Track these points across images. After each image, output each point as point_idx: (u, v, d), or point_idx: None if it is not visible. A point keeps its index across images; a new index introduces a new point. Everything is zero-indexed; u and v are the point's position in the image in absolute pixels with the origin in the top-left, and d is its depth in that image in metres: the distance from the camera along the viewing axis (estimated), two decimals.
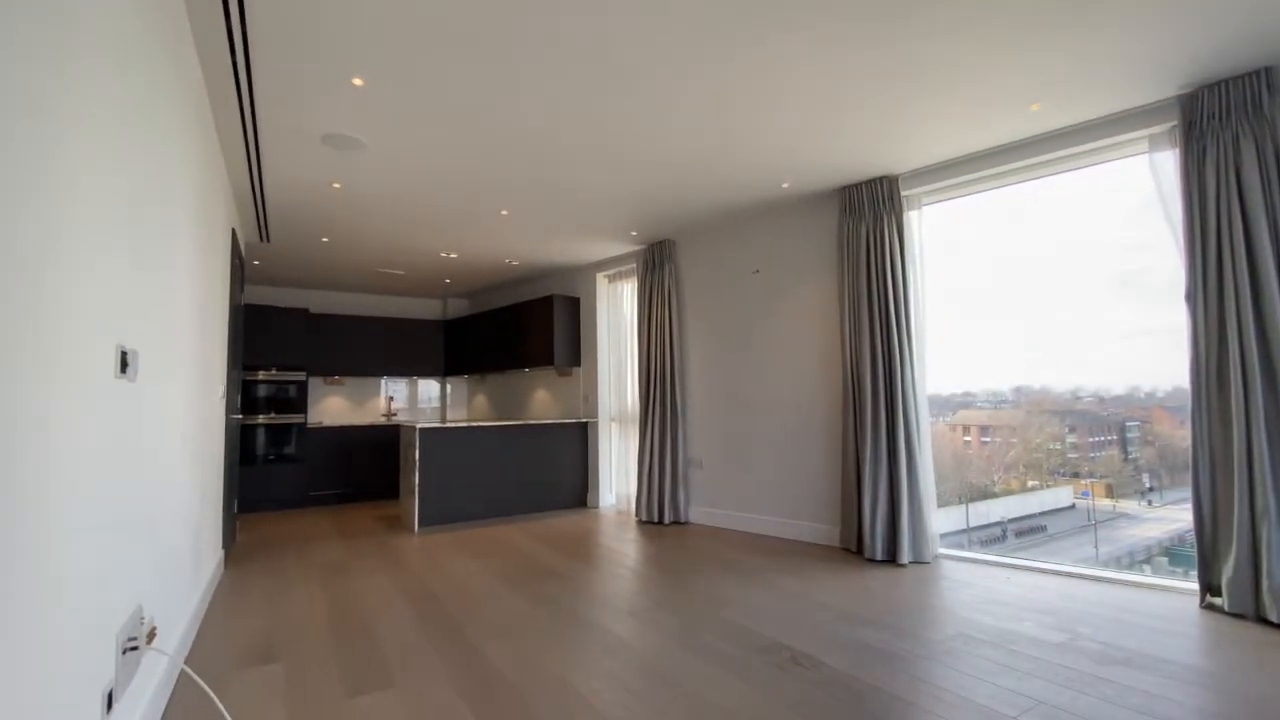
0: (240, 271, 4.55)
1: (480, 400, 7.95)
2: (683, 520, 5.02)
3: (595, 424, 5.96)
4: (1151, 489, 4.92)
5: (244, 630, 2.75)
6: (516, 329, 6.54)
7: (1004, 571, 3.44)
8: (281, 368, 6.23)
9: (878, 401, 3.81)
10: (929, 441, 3.79)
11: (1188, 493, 2.85)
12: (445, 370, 7.69)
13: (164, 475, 2.07)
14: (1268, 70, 2.66)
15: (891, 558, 3.68)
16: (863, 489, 3.80)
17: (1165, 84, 2.84)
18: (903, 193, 3.85)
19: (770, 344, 4.62)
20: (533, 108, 2.95)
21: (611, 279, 6.11)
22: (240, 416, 5.07)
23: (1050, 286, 4.49)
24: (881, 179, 3.89)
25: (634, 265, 5.62)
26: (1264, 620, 2.55)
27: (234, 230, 4.04)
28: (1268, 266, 2.59)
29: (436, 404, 8.00)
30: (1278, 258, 2.59)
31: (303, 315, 6.39)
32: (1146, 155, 3.06)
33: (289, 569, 3.80)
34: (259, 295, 6.88)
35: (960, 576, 3.37)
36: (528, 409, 7.00)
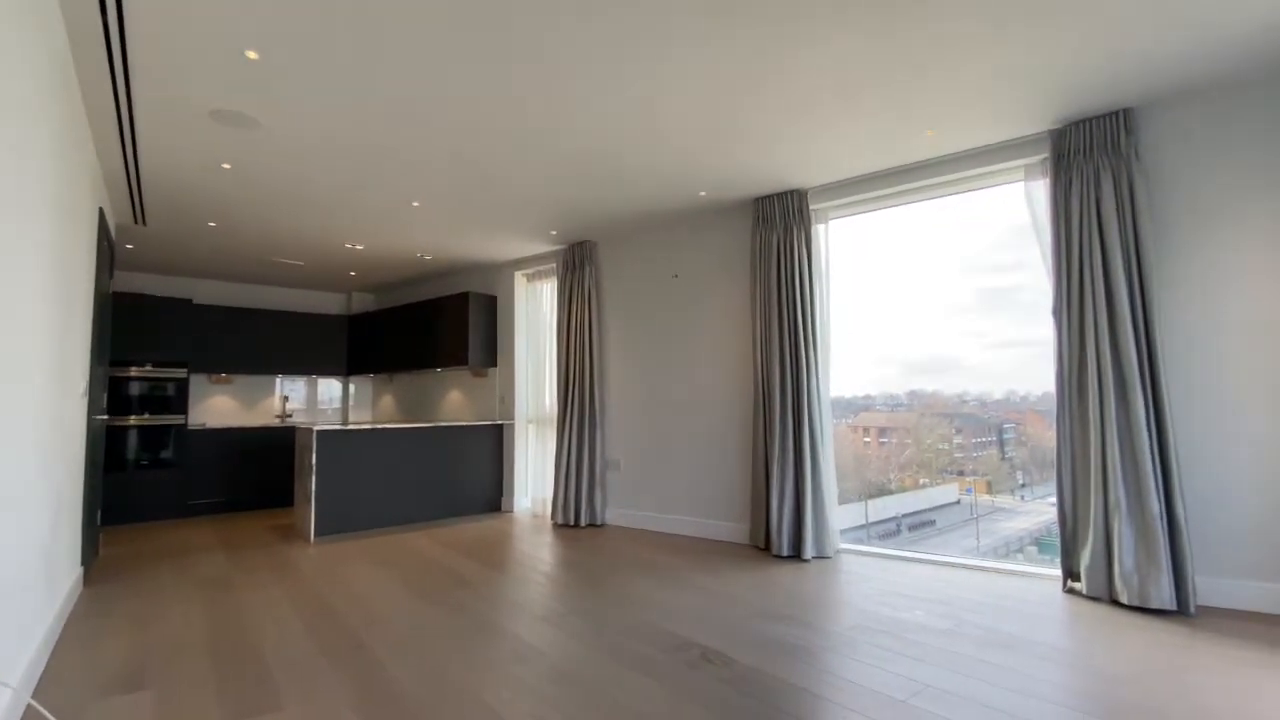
0: (109, 256, 4.08)
1: (387, 401, 7.56)
2: (599, 522, 5.01)
3: (511, 426, 5.83)
4: (1024, 485, 5.43)
5: (106, 655, 2.45)
6: (428, 327, 6.28)
7: (898, 564, 3.68)
8: (159, 363, 5.64)
9: (785, 405, 3.97)
10: (831, 443, 3.99)
11: (1054, 489, 3.16)
12: (348, 369, 7.26)
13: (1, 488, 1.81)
14: (1126, 112, 3.01)
15: (796, 553, 3.84)
16: (771, 488, 3.94)
17: (1039, 120, 3.15)
18: (811, 207, 4.04)
19: (688, 347, 4.71)
20: (448, 97, 2.84)
21: (531, 278, 6.00)
22: (106, 417, 4.54)
23: (941, 298, 4.87)
24: (792, 193, 4.06)
25: (554, 265, 5.55)
26: (1116, 602, 2.87)
27: (101, 210, 3.62)
28: (1121, 289, 2.93)
29: (338, 405, 7.53)
30: (1129, 282, 2.93)
31: (185, 306, 5.81)
32: (1023, 183, 3.39)
33: (162, 586, 3.44)
34: (134, 283, 6.21)
35: (859, 570, 3.57)
36: (439, 410, 6.74)
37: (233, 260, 5.85)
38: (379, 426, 5.06)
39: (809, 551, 3.79)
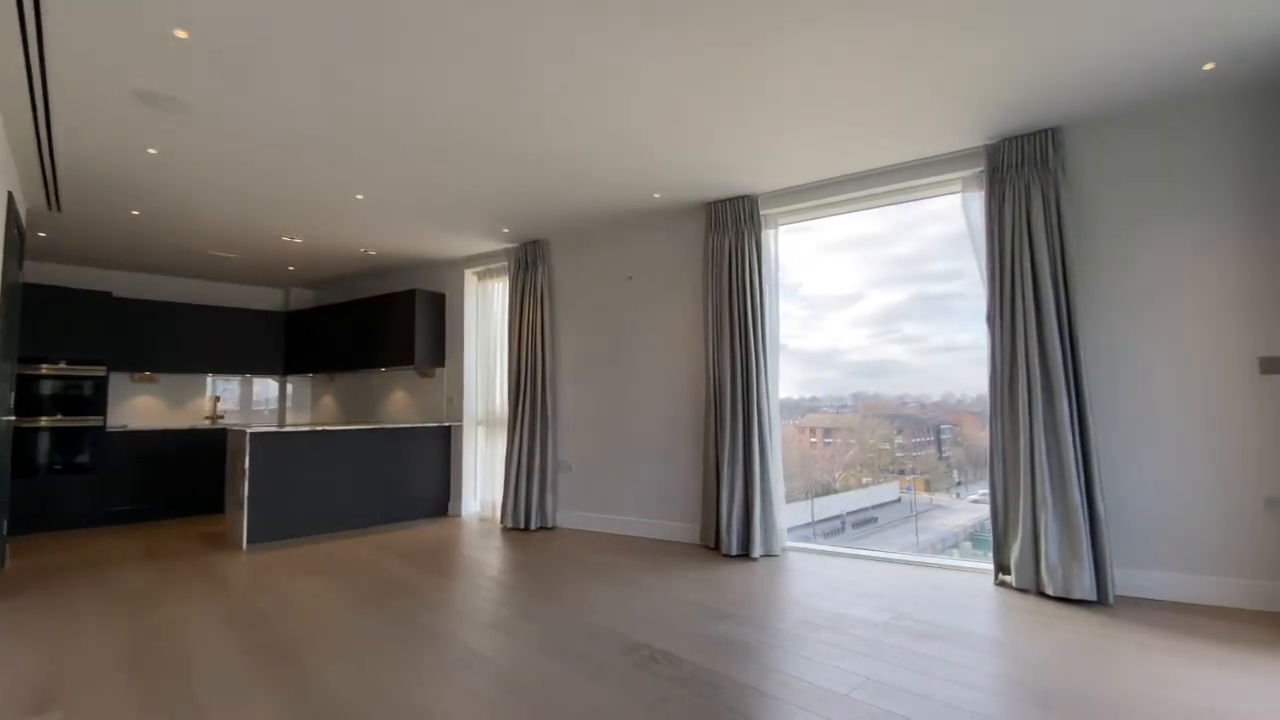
0: (19, 244, 3.78)
1: (328, 402, 7.28)
2: (551, 525, 4.95)
3: (459, 428, 5.70)
4: (960, 484, 5.68)
5: (14, 676, 2.26)
6: (373, 325, 6.07)
7: (841, 561, 3.78)
8: (74, 360, 5.25)
9: (735, 406, 4.02)
10: (779, 443, 4.07)
11: (987, 486, 3.32)
12: (286, 368, 6.94)
13: None
14: (1053, 130, 3.19)
15: (745, 552, 3.90)
16: (721, 488, 3.99)
17: (975, 135, 3.30)
18: (762, 212, 4.12)
19: (641, 349, 4.71)
20: (393, 86, 2.75)
21: (481, 276, 5.89)
22: (13, 418, 4.19)
23: (884, 303, 5.05)
24: (743, 198, 4.13)
25: (505, 263, 5.47)
26: (1043, 594, 3.03)
27: (10, 194, 3.34)
28: (1048, 298, 3.09)
29: (275, 406, 7.20)
30: (1055, 291, 3.10)
31: (103, 300, 5.43)
32: (960, 195, 3.54)
33: (76, 600, 3.20)
34: (47, 274, 5.76)
35: (804, 567, 3.65)
36: (383, 412, 6.53)
37: (158, 251, 5.51)
38: (318, 428, 4.86)
39: (757, 550, 3.85)
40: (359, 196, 4.15)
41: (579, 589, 3.29)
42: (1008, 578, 3.20)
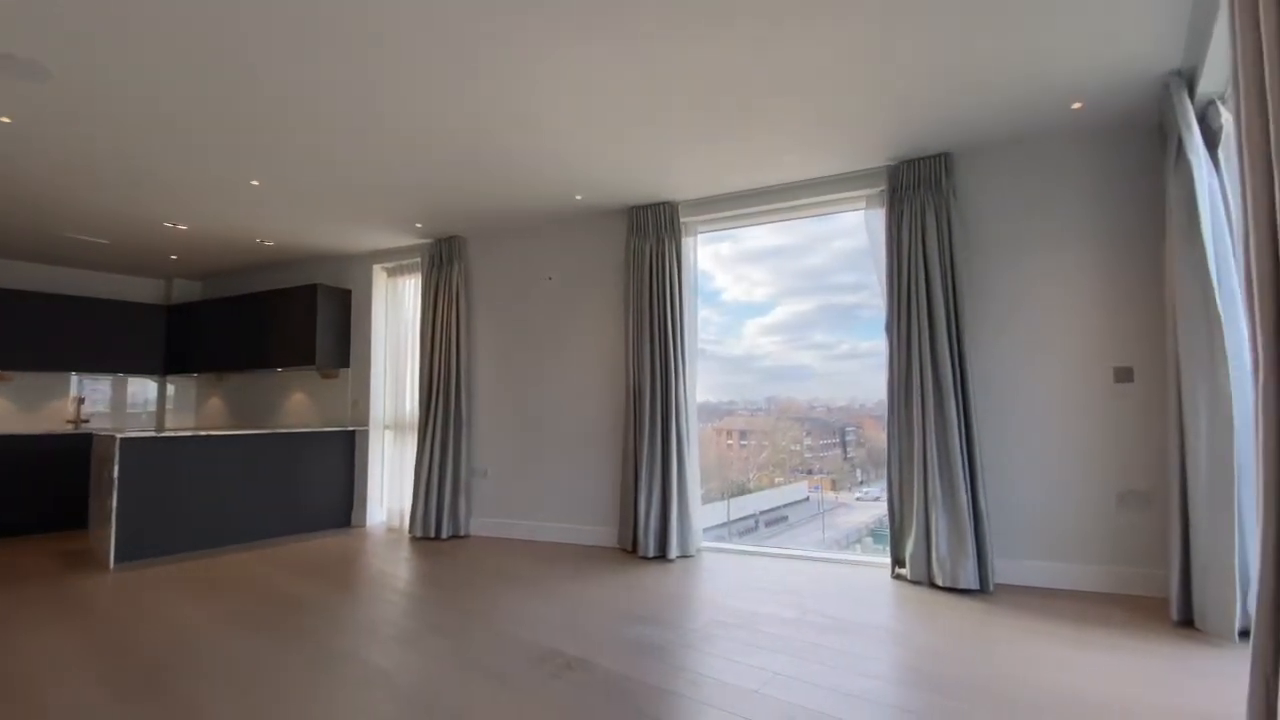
0: None
1: (216, 404, 6.68)
2: (463, 534, 4.78)
3: (365, 432, 5.40)
4: (862, 482, 6.02)
5: None
6: (269, 322, 5.64)
7: (753, 559, 3.90)
8: None
9: (655, 409, 4.06)
10: (697, 446, 4.16)
11: (886, 485, 3.53)
12: (166, 367, 6.32)
13: None
14: (946, 156, 3.45)
15: (662, 554, 3.94)
16: (640, 491, 4.01)
17: (878, 156, 3.52)
18: (682, 219, 4.19)
19: (561, 352, 4.66)
20: (290, 64, 2.57)
21: (392, 273, 5.62)
22: None
23: (796, 311, 5.28)
24: (664, 204, 4.19)
25: (419, 260, 5.24)
26: (934, 585, 3.25)
27: None
28: (940, 310, 3.34)
29: (154, 408, 6.53)
30: (945, 304, 3.35)
31: None
32: (864, 211, 3.76)
33: None
34: None
35: (718, 567, 3.74)
36: (280, 416, 6.07)
37: (11, 233, 4.86)
38: (202, 433, 4.45)
39: (674, 552, 3.90)
40: (254, 182, 3.85)
41: (492, 598, 3.19)
42: (903, 571, 3.41)
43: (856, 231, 3.95)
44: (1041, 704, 1.96)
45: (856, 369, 5.01)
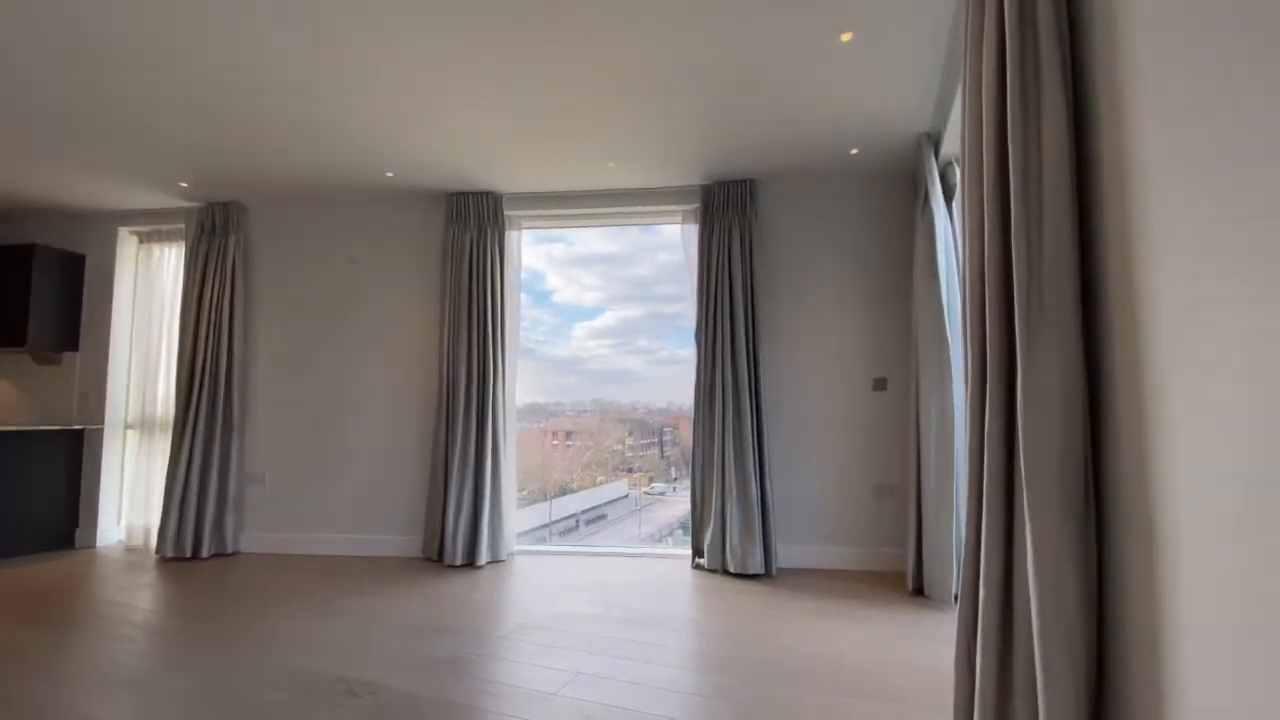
0: None
1: None
2: (231, 551, 4.10)
3: (99, 432, 4.39)
4: (676, 479, 6.38)
5: None
6: None
7: (566, 559, 3.89)
8: None
9: (469, 409, 3.87)
10: (514, 447, 4.05)
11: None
12: None
13: None
14: (751, 181, 3.78)
15: (471, 561, 3.76)
16: (449, 496, 3.79)
17: (694, 174, 3.75)
18: (506, 212, 4.06)
19: (365, 343, 4.22)
20: None
21: (146, 238, 4.65)
22: None
23: (623, 317, 5.42)
24: (487, 194, 4.02)
25: (183, 225, 4.40)
26: (728, 572, 3.52)
27: None
28: (740, 321, 3.64)
29: None
30: (745, 316, 3.66)
31: None
32: (680, 225, 3.98)
33: None
34: None
35: (530, 570, 3.67)
36: None
37: None
38: None
39: (483, 557, 3.75)
40: None
41: (262, 624, 2.77)
42: (702, 560, 3.65)
43: (678, 246, 4.16)
44: (810, 671, 2.21)
45: (676, 373, 5.30)
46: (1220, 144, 0.86)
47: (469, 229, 4.00)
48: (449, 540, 3.75)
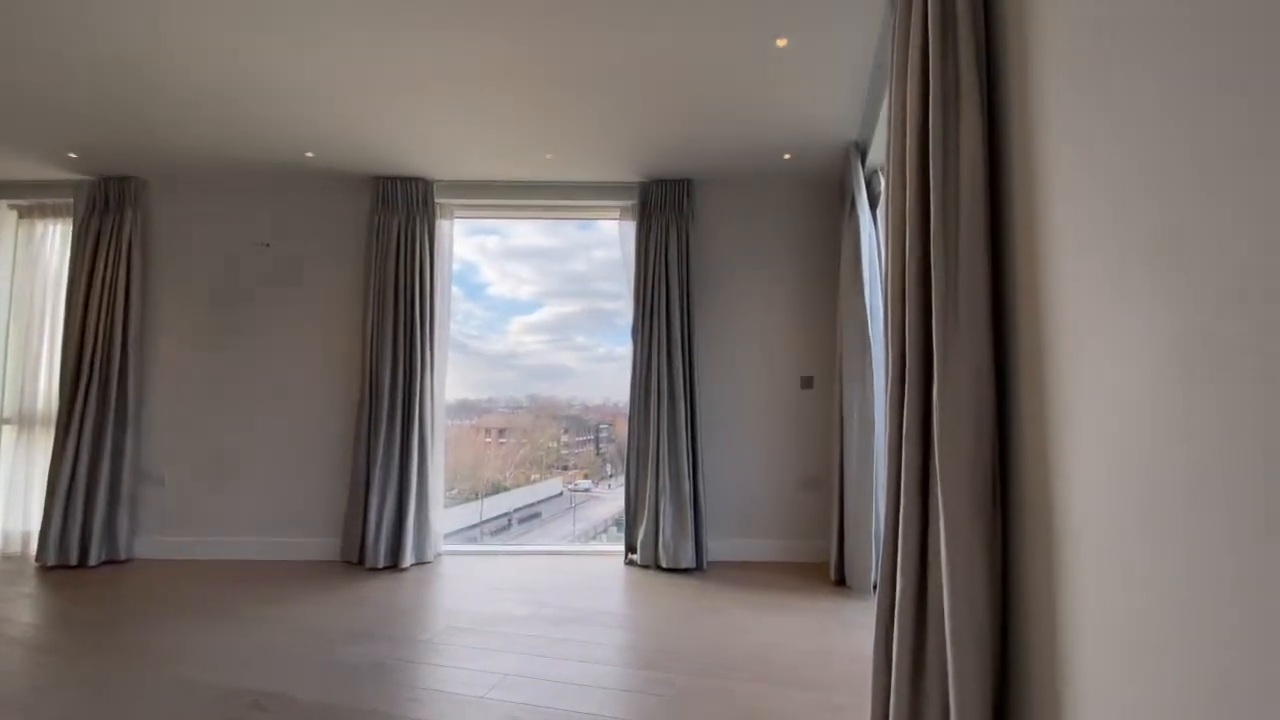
0: None
1: None
2: (124, 557, 3.75)
3: None
4: (611, 475, 6.37)
5: None
6: None
7: (496, 559, 3.81)
8: None
9: (395, 405, 3.71)
10: (443, 446, 3.92)
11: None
12: None
13: None
14: (687, 181, 3.81)
15: (395, 563, 3.61)
16: (371, 496, 3.62)
17: (633, 171, 3.74)
18: (437, 199, 3.91)
19: (280, 333, 3.96)
20: None
21: (27, 213, 4.17)
22: None
23: (560, 313, 5.36)
24: (417, 180, 3.86)
25: (71, 200, 3.99)
26: (660, 568, 3.54)
27: None
28: (676, 319, 3.67)
29: None
30: (681, 313, 3.70)
31: None
32: (618, 222, 3.96)
33: None
34: None
35: (457, 571, 3.57)
36: None
37: None
38: None
39: (408, 559, 3.61)
40: None
41: (159, 636, 2.56)
42: (635, 556, 3.67)
43: (615, 243, 4.13)
44: (738, 662, 2.26)
45: (613, 370, 5.31)
46: (1107, 159, 0.93)
47: (397, 215, 3.83)
48: (371, 542, 3.59)
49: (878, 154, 3.13)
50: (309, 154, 3.56)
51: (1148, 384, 0.85)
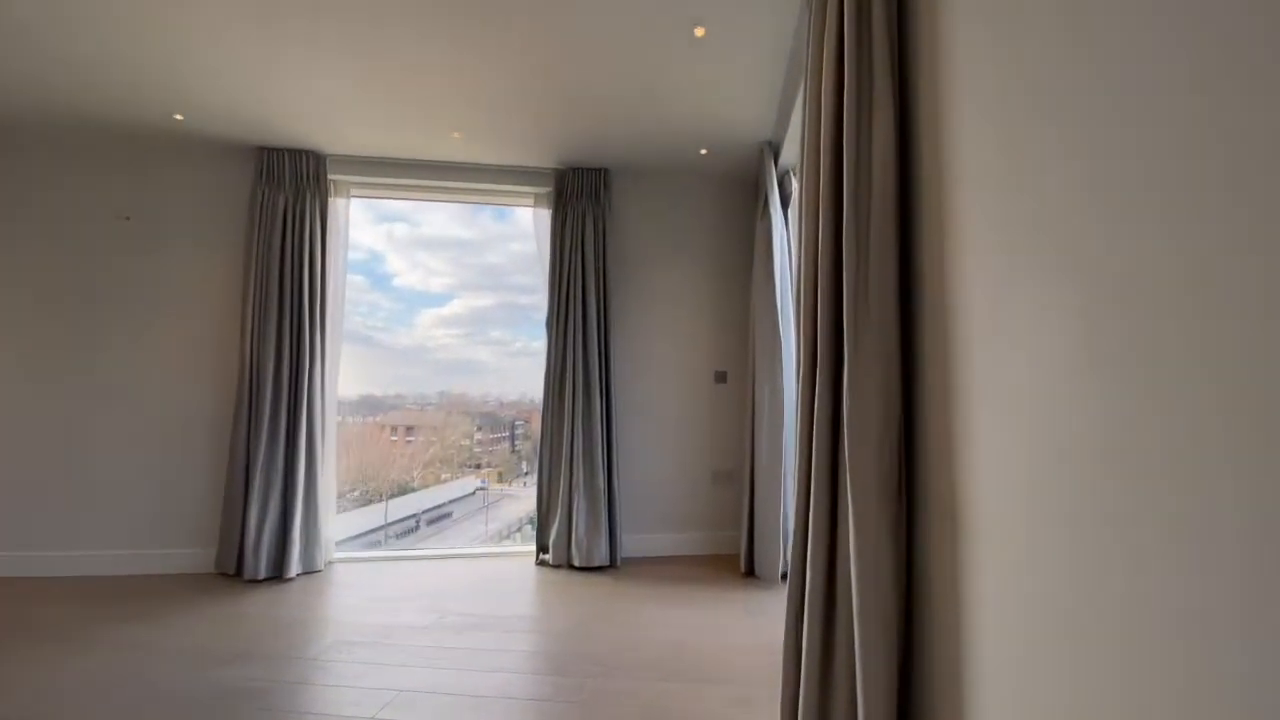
0: None
1: None
2: None
3: None
4: (526, 473, 6.18)
5: None
6: None
7: (396, 565, 3.56)
8: None
9: (279, 402, 3.38)
10: (335, 446, 3.61)
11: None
12: None
13: None
14: (604, 170, 3.72)
15: (278, 573, 3.28)
16: (250, 501, 3.28)
17: (548, 157, 3.61)
18: (330, 176, 3.60)
19: (138, 318, 3.49)
20: None
21: None
22: None
23: (474, 306, 5.11)
24: (307, 153, 3.53)
25: None
26: (573, 566, 3.44)
27: None
28: (593, 311, 3.58)
29: None
30: (598, 305, 3.61)
31: None
32: (533, 210, 3.82)
33: None
34: None
35: (351, 579, 3.30)
36: None
37: None
38: None
39: (294, 569, 3.29)
40: None
41: None
42: (547, 556, 3.55)
43: (531, 236, 3.98)
44: (650, 660, 2.22)
45: (529, 365, 5.13)
46: (1010, 159, 0.95)
47: (283, 191, 3.48)
48: (250, 551, 3.24)
49: (790, 155, 3.18)
50: (178, 117, 3.16)
51: (1042, 378, 0.87)
